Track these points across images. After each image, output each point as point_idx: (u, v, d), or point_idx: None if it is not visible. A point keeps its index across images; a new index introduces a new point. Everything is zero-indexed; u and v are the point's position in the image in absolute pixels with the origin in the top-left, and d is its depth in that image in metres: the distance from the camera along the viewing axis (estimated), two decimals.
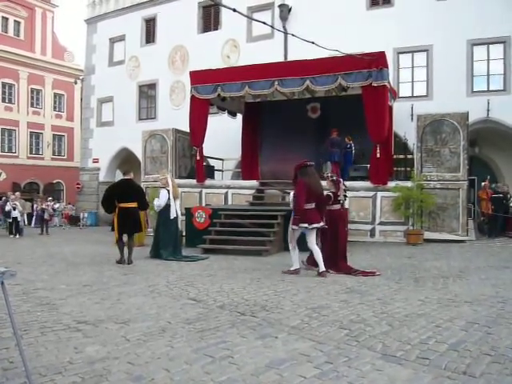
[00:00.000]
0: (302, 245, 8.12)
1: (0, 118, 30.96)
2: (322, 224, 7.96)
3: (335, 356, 3.73)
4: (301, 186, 7.95)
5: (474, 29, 16.12)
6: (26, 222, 21.80)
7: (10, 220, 18.30)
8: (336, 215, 8.39)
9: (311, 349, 3.91)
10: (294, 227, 7.90)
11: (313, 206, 7.92)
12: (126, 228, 9.66)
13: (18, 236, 17.84)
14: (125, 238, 9.74)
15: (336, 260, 8.27)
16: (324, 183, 8.68)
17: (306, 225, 7.81)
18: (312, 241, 7.93)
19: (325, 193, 8.33)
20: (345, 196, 8.73)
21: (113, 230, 9.87)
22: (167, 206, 10.21)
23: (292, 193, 8.27)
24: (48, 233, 19.53)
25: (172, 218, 10.22)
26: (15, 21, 31.99)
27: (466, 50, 16.60)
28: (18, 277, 3.16)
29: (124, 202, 9.58)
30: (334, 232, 8.31)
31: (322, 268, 7.80)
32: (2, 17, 31.22)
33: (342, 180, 8.88)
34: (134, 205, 9.66)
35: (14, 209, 18.13)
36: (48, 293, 6.37)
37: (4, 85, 31.30)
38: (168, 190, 10.25)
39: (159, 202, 10.25)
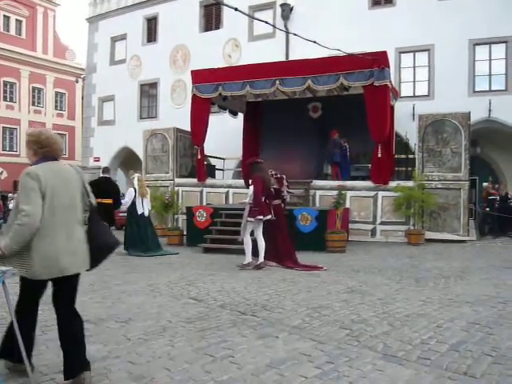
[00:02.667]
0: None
1: (1, 116, 30.97)
2: (271, 216, 8.66)
3: (336, 356, 3.73)
4: (259, 180, 8.62)
5: (476, 28, 16.08)
6: None
7: None
8: (278, 210, 9.07)
9: (312, 348, 3.91)
10: (251, 219, 8.49)
11: (263, 199, 8.60)
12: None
13: None
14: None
15: (281, 253, 8.98)
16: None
17: (261, 217, 8.45)
18: (260, 233, 8.63)
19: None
20: (288, 192, 9.54)
21: None
22: (134, 204, 10.89)
23: (251, 187, 8.85)
24: None
25: (139, 213, 10.87)
26: (17, 19, 31.99)
27: (467, 49, 16.56)
28: (18, 276, 3.18)
29: (102, 198, 10.10)
30: (276, 226, 8.96)
31: (261, 259, 8.49)
32: (4, 15, 31.21)
33: (284, 177, 9.55)
34: (110, 201, 10.49)
35: None
36: (49, 291, 6.35)
37: (6, 83, 31.30)
38: (135, 189, 10.97)
39: (125, 200, 11.11)
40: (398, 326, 4.57)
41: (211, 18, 21.98)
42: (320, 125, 16.96)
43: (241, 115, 18.15)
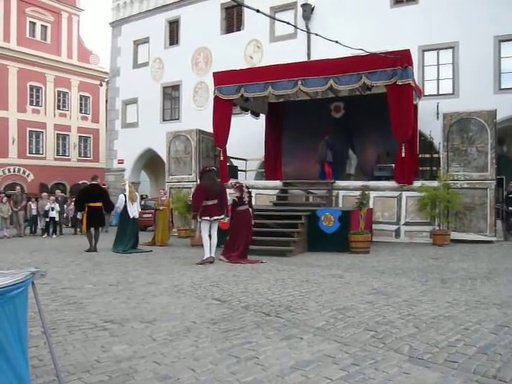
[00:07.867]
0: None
1: (28, 120, 31.60)
2: (222, 216, 9.56)
3: (361, 358, 3.69)
4: (198, 188, 9.79)
5: (501, 24, 15.75)
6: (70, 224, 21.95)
7: (48, 219, 18.65)
8: (242, 215, 9.81)
9: (337, 350, 3.88)
10: (199, 220, 9.47)
11: (215, 202, 9.39)
12: (94, 223, 12.04)
13: (54, 236, 18.33)
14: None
15: (237, 251, 9.68)
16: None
17: (207, 217, 9.29)
18: (214, 231, 9.49)
19: (232, 197, 10.01)
20: (249, 197, 10.10)
21: (81, 223, 12.09)
22: (125, 208, 11.96)
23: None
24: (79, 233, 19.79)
25: (131, 217, 11.97)
26: (42, 25, 32.62)
27: (492, 46, 16.26)
28: (46, 276, 3.21)
29: (92, 202, 11.95)
30: (240, 229, 9.76)
31: (207, 255, 9.23)
32: (30, 21, 31.86)
33: (243, 184, 10.37)
34: (99, 204, 12.05)
35: (53, 209, 18.51)
36: (75, 292, 6.47)
37: (32, 88, 31.94)
38: (125, 195, 12.01)
39: (117, 205, 12.16)
40: (424, 328, 4.50)
41: (232, 20, 22.07)
42: (342, 125, 16.86)
43: (263, 116, 18.17)
